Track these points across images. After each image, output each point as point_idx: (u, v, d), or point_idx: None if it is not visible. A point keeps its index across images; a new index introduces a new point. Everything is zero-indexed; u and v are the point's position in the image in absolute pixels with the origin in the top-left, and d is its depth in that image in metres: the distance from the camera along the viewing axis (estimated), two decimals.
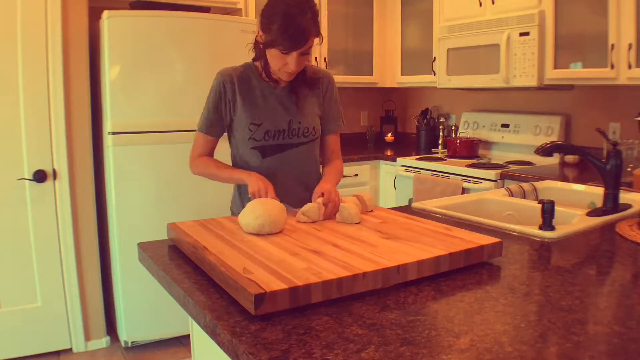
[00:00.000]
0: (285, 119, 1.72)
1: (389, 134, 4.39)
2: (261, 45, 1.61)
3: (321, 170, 1.87)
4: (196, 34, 2.77)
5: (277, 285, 0.96)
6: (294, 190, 1.76)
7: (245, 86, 1.70)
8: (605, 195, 1.78)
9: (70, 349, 2.81)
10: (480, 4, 3.22)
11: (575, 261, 1.32)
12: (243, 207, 1.72)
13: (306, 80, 1.75)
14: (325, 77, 1.83)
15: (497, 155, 3.49)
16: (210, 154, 1.78)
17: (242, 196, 1.82)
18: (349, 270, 1.04)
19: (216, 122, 1.73)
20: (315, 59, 3.70)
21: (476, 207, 1.99)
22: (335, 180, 1.76)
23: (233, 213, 1.89)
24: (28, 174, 2.61)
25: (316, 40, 1.62)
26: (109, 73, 2.62)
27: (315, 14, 1.59)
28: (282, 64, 1.59)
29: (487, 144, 3.58)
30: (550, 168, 2.98)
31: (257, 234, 1.32)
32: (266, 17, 1.58)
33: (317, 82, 1.78)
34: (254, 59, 1.73)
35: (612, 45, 2.55)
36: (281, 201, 1.49)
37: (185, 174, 2.84)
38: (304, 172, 1.79)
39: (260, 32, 1.61)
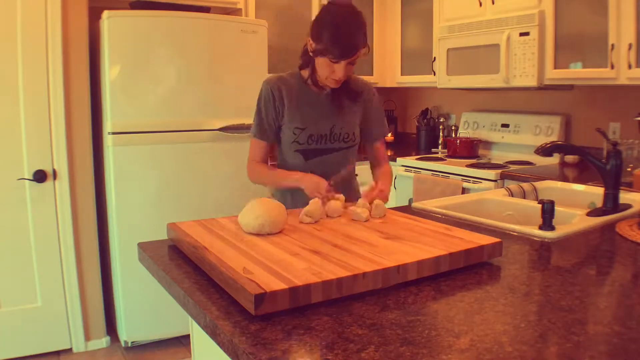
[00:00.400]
0: (328, 125, 1.81)
1: (389, 134, 4.39)
2: (311, 53, 1.69)
3: (371, 173, 2.01)
4: (196, 34, 2.77)
5: (277, 285, 0.96)
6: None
7: (291, 93, 1.79)
8: (605, 195, 1.78)
9: (70, 349, 2.81)
10: (480, 4, 3.22)
11: (575, 261, 1.32)
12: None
13: (349, 90, 1.83)
14: (368, 88, 1.92)
15: (497, 155, 3.49)
16: (265, 159, 1.86)
17: (294, 202, 1.85)
18: (349, 270, 1.04)
19: (267, 128, 1.81)
20: None
21: (476, 207, 1.99)
22: (389, 183, 1.89)
23: (273, 196, 1.94)
24: (28, 174, 2.61)
25: (363, 50, 1.69)
26: (109, 73, 2.62)
27: (364, 25, 1.67)
28: (329, 71, 1.67)
29: (487, 144, 3.59)
30: (550, 168, 2.98)
31: (257, 234, 1.32)
32: (318, 27, 1.65)
33: (360, 93, 1.87)
34: (301, 67, 1.82)
35: (612, 45, 2.55)
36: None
37: (185, 174, 2.84)
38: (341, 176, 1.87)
39: (311, 41, 1.68)
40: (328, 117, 1.82)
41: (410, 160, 3.42)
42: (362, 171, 3.64)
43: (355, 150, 1.93)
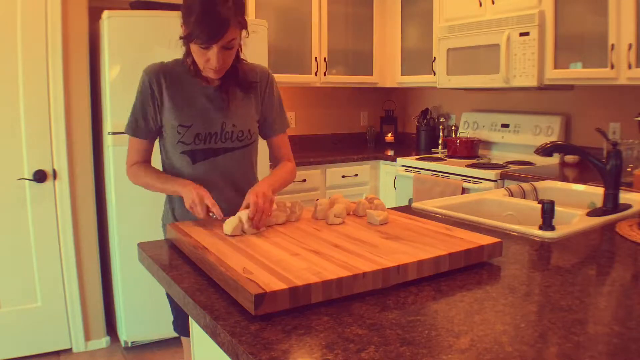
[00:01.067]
0: (218, 121, 1.58)
1: (389, 134, 4.39)
2: (181, 40, 1.49)
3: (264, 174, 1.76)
4: None
5: (277, 285, 0.96)
6: (230, 199, 1.60)
7: (174, 84, 1.56)
8: (605, 195, 1.78)
9: (70, 349, 2.81)
10: (480, 4, 3.22)
11: (575, 261, 1.32)
12: (174, 217, 1.66)
13: (238, 79, 1.60)
14: (262, 74, 1.67)
15: (497, 155, 3.49)
16: (145, 159, 1.62)
17: (172, 205, 1.68)
18: (349, 270, 1.04)
19: (144, 124, 1.57)
20: (315, 59, 3.70)
21: (476, 207, 1.99)
22: (273, 181, 1.59)
23: (163, 224, 1.73)
24: (28, 174, 2.61)
25: (243, 34, 1.48)
26: (109, 73, 2.62)
27: (238, 3, 1.43)
28: (204, 59, 1.46)
29: (487, 144, 3.59)
30: (550, 168, 2.98)
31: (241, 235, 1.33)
32: (185, 8, 1.43)
33: (253, 82, 1.64)
34: (187, 55, 1.57)
35: (612, 45, 2.55)
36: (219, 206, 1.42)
37: None
38: (239, 179, 1.66)
39: (182, 27, 1.47)
40: (217, 112, 1.58)
41: (410, 160, 3.42)
42: (362, 171, 3.65)
43: (254, 149, 1.69)
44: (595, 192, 2.09)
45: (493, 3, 3.15)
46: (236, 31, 1.44)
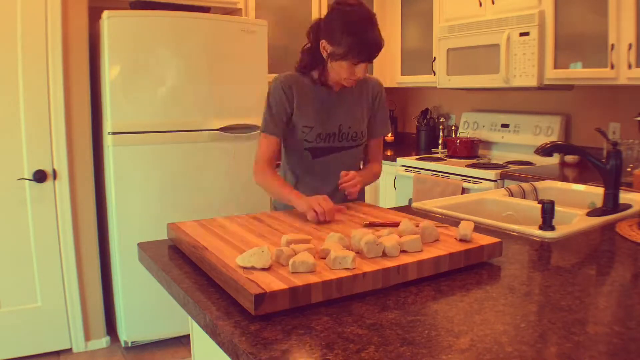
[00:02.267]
0: (336, 123, 1.81)
1: (389, 134, 4.39)
2: (327, 57, 1.67)
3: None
4: (196, 34, 2.77)
5: (277, 285, 0.96)
6: (334, 192, 1.79)
7: (301, 90, 1.78)
8: (605, 195, 1.78)
9: (70, 349, 2.81)
10: (480, 4, 3.22)
11: (575, 261, 1.32)
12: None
13: (357, 88, 1.83)
14: (376, 84, 1.91)
15: (497, 155, 3.49)
16: (274, 155, 1.82)
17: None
18: (349, 270, 1.04)
19: (279, 123, 1.78)
20: None
21: (476, 207, 1.99)
22: (365, 175, 1.85)
23: (275, 208, 1.93)
24: (28, 174, 2.61)
25: None
26: (109, 73, 2.62)
27: (378, 25, 1.66)
28: (349, 73, 1.66)
29: (487, 144, 3.59)
30: (550, 168, 2.98)
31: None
32: (337, 30, 1.62)
33: (368, 91, 1.87)
34: (307, 66, 1.78)
35: (612, 45, 2.55)
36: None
37: (185, 174, 2.84)
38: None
39: (326, 44, 1.66)
40: (336, 116, 1.81)
41: (410, 160, 3.42)
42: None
43: (362, 149, 1.92)
44: (595, 192, 2.09)
45: (493, 3, 3.15)
46: None
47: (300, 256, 1.05)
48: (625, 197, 1.90)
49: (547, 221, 1.52)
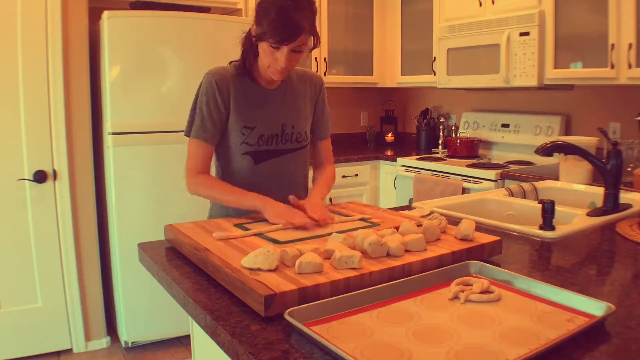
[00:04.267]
0: (279, 122, 1.64)
1: (389, 134, 4.39)
2: (253, 39, 1.53)
3: (310, 175, 1.81)
4: (196, 34, 2.77)
5: (285, 286, 0.96)
6: (284, 198, 1.59)
7: (238, 86, 1.61)
8: (606, 195, 1.78)
9: (71, 350, 2.81)
10: (480, 4, 3.22)
11: (575, 261, 1.32)
12: (226, 212, 1.66)
13: (294, 83, 1.69)
14: (317, 79, 1.76)
15: (497, 155, 3.49)
16: (208, 164, 1.63)
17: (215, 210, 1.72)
18: (355, 270, 1.04)
19: (212, 127, 1.59)
20: (316, 59, 3.70)
21: (476, 207, 1.99)
22: (325, 192, 1.70)
23: (211, 216, 1.74)
24: (28, 175, 2.61)
25: (308, 37, 1.53)
26: (109, 73, 2.62)
27: (312, 12, 1.50)
28: (272, 59, 1.51)
29: (487, 144, 3.59)
30: (550, 168, 2.98)
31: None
32: (261, 9, 1.49)
33: (309, 87, 1.73)
34: (243, 58, 1.62)
35: (612, 45, 2.55)
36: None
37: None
38: (293, 180, 1.72)
39: (254, 26, 1.53)
40: (278, 114, 1.64)
41: (411, 160, 3.42)
42: (362, 171, 3.65)
43: (307, 151, 1.75)
44: (595, 192, 2.09)
45: (493, 3, 3.15)
46: (307, 37, 1.51)
47: (307, 256, 1.05)
48: (625, 197, 1.90)
49: (547, 221, 1.52)
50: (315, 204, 1.51)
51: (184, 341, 2.93)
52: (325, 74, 3.74)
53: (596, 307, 0.92)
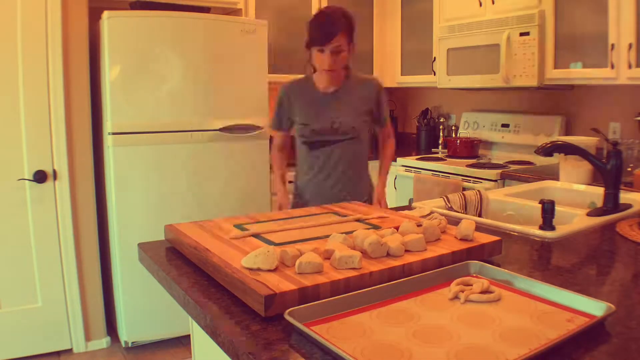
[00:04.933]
0: (328, 120, 2.11)
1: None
2: (305, 47, 2.03)
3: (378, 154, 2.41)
4: (196, 34, 2.77)
5: (285, 286, 0.96)
6: (339, 179, 2.18)
7: (299, 94, 2.17)
8: (606, 195, 1.78)
9: (71, 350, 2.81)
10: (480, 4, 3.22)
11: (575, 261, 1.32)
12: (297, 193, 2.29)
13: (347, 87, 2.14)
14: (373, 82, 2.23)
15: (497, 155, 3.49)
16: (284, 144, 2.34)
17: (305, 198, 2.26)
18: (355, 270, 1.04)
19: (280, 121, 2.24)
20: None
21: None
22: (385, 178, 2.33)
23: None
24: (28, 175, 2.61)
25: (344, 40, 1.98)
26: (109, 73, 2.62)
27: (349, 20, 1.98)
28: (319, 61, 2.00)
29: (487, 144, 3.59)
30: (550, 168, 2.98)
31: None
32: (308, 26, 1.98)
33: (365, 86, 2.19)
34: (307, 69, 2.21)
35: (612, 45, 2.55)
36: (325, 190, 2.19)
37: (185, 174, 2.84)
38: (348, 165, 2.17)
39: (306, 36, 2.03)
40: (328, 113, 2.12)
41: (411, 160, 3.42)
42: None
43: (359, 141, 2.18)
44: (595, 192, 2.09)
45: (493, 3, 3.15)
46: (343, 39, 1.98)
47: (307, 256, 1.05)
48: (625, 197, 1.90)
49: (547, 221, 1.52)
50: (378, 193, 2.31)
51: (184, 341, 2.93)
52: None
53: (596, 307, 0.92)
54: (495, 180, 2.84)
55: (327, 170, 2.18)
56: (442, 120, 3.98)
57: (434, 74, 3.59)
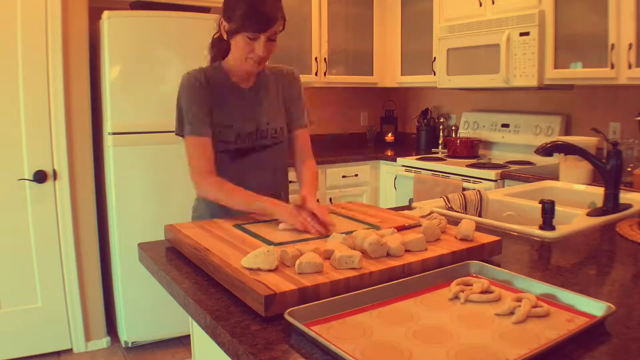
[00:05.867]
0: (254, 120, 1.66)
1: (389, 134, 4.39)
2: (225, 35, 1.56)
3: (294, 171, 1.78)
4: (196, 34, 2.77)
5: (285, 286, 0.96)
6: (259, 194, 1.59)
7: (216, 87, 1.62)
8: (606, 195, 1.78)
9: (71, 350, 2.81)
10: (480, 4, 3.22)
11: (575, 261, 1.32)
12: (209, 213, 1.65)
13: (267, 78, 1.71)
14: (289, 72, 1.77)
15: (497, 155, 3.49)
16: (212, 162, 1.59)
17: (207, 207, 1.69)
18: (355, 270, 1.04)
19: (208, 121, 1.58)
20: (315, 59, 3.70)
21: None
22: (314, 190, 1.68)
23: (194, 219, 1.74)
24: (28, 175, 2.61)
25: (280, 23, 1.58)
26: (109, 73, 2.62)
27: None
28: (248, 50, 1.53)
29: (487, 144, 3.59)
30: (550, 168, 2.98)
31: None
32: (229, 6, 1.52)
33: (281, 81, 1.74)
34: (214, 59, 1.68)
35: (612, 45, 2.55)
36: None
37: (185, 174, 2.83)
38: (270, 175, 1.72)
39: (224, 22, 1.55)
40: (253, 112, 1.66)
41: (411, 160, 3.42)
42: (362, 171, 3.65)
43: (285, 147, 1.75)
44: (595, 192, 2.09)
45: (493, 3, 3.15)
46: (280, 24, 1.57)
47: (307, 256, 1.05)
48: (625, 197, 1.90)
49: (547, 221, 1.52)
50: (319, 207, 1.44)
51: (184, 341, 2.93)
52: (325, 74, 3.74)
53: (596, 307, 0.92)
54: (495, 180, 2.84)
55: (248, 183, 1.60)
56: (442, 120, 3.98)
57: (434, 74, 3.59)
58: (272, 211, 1.44)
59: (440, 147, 3.92)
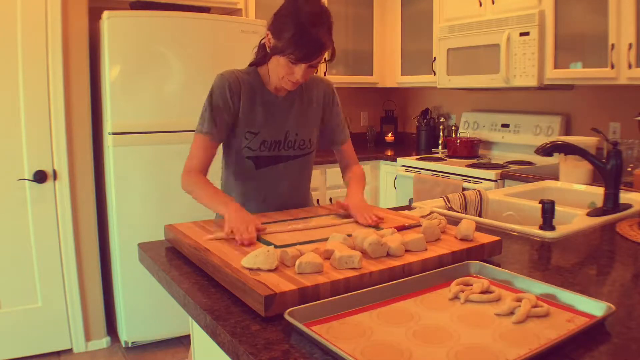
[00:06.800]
0: (282, 130, 1.64)
1: (389, 134, 4.39)
2: (269, 50, 1.51)
3: (345, 178, 1.81)
4: (196, 34, 2.77)
5: (285, 286, 0.96)
6: (283, 205, 1.67)
7: (248, 92, 1.60)
8: (606, 195, 1.78)
9: (71, 350, 2.81)
10: (480, 4, 3.22)
11: (575, 261, 1.32)
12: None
13: (307, 92, 1.68)
14: (328, 89, 1.74)
15: (497, 155, 3.49)
16: (208, 163, 1.59)
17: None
18: (355, 270, 1.04)
19: (221, 124, 1.57)
20: None
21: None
22: (361, 191, 1.68)
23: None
24: (28, 175, 2.61)
25: (328, 55, 1.54)
26: (109, 73, 2.62)
27: (330, 26, 1.49)
28: (286, 72, 1.49)
29: (487, 144, 3.59)
30: (550, 168, 2.98)
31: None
32: (280, 22, 1.46)
33: (319, 95, 1.71)
34: (255, 63, 1.64)
35: (612, 45, 2.55)
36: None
37: None
38: (293, 186, 1.72)
39: (270, 35, 1.49)
40: (283, 121, 1.64)
41: (411, 160, 3.42)
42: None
43: (312, 158, 1.76)
44: (595, 192, 2.09)
45: (493, 3, 3.15)
46: (327, 54, 1.53)
47: (307, 257, 1.05)
48: (625, 197, 1.90)
49: (547, 221, 1.53)
50: (357, 205, 1.51)
51: (184, 341, 2.93)
52: (325, 74, 3.74)
53: (596, 307, 0.92)
54: (495, 180, 2.84)
55: (275, 192, 1.67)
56: (442, 120, 3.98)
57: (434, 74, 3.59)
58: (224, 214, 1.39)
59: (440, 147, 3.92)
